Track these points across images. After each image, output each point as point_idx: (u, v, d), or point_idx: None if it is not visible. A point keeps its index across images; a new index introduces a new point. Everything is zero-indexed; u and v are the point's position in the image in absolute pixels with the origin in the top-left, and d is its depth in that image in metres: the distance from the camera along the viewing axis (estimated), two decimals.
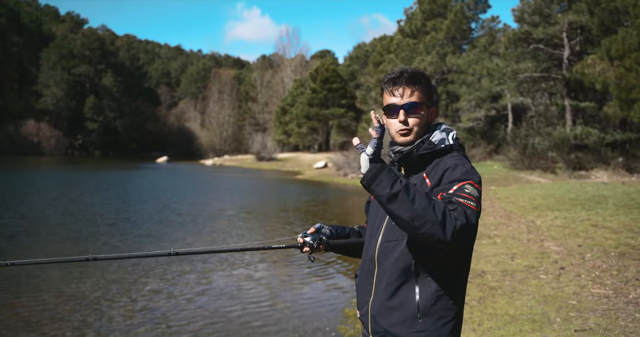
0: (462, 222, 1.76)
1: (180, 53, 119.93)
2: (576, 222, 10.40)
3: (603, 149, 25.98)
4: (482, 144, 38.20)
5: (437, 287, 1.96)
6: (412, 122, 2.07)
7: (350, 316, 6.43)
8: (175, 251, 2.23)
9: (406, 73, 2.08)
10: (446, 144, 2.07)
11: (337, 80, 59.98)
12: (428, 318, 1.96)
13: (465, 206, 1.81)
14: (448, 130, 2.12)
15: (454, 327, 1.99)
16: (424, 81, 2.10)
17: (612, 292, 5.85)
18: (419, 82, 2.09)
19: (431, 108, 2.13)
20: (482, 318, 5.33)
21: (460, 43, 44.76)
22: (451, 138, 2.10)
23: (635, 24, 20.88)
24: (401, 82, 2.07)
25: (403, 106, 2.06)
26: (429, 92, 2.12)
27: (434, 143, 2.06)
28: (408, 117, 2.07)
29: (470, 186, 1.88)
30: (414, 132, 2.07)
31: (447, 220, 1.75)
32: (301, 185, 29.69)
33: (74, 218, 14.34)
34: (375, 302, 2.07)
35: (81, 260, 2.17)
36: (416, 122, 2.07)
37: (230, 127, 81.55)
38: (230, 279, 8.37)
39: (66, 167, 43.72)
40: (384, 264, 2.05)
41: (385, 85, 2.12)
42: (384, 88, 2.12)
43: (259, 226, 14.48)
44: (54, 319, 6.21)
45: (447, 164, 1.99)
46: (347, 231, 2.44)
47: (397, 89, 2.07)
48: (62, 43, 78.51)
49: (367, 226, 2.31)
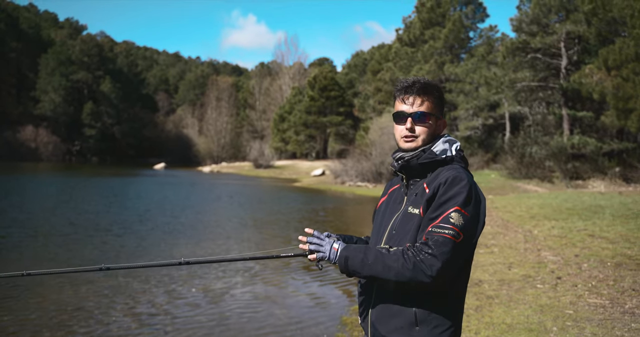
0: (434, 261, 1.89)
1: (179, 60, 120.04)
2: (573, 232, 10.42)
3: (600, 159, 26.07)
4: (480, 153, 38.28)
5: (435, 295, 1.99)
6: (418, 130, 2.11)
7: (347, 323, 6.43)
8: (186, 261, 2.26)
9: (419, 83, 2.13)
10: (447, 154, 2.10)
11: (335, 88, 60.08)
12: (425, 326, 1.98)
13: (442, 241, 1.91)
14: (452, 141, 2.16)
15: (451, 335, 2.01)
16: (435, 93, 2.14)
17: (609, 302, 5.86)
18: (430, 93, 2.12)
19: (440, 120, 2.16)
20: (479, 327, 5.34)
21: (459, 52, 44.95)
22: (454, 149, 2.13)
23: (632, 34, 21.02)
24: (412, 91, 2.12)
25: (411, 114, 2.10)
26: (439, 104, 2.15)
27: (435, 153, 2.09)
28: (415, 126, 2.11)
29: (455, 214, 1.94)
30: (419, 139, 2.12)
31: (421, 267, 1.90)
32: (299, 193, 29.68)
33: (76, 227, 14.33)
34: (375, 309, 2.09)
35: (94, 270, 2.19)
36: (423, 131, 2.11)
37: (228, 134, 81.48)
38: (228, 285, 8.36)
39: (64, 174, 43.66)
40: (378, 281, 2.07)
41: (397, 93, 2.17)
42: (396, 95, 2.18)
43: (260, 234, 14.46)
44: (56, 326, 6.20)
45: (444, 176, 2.02)
46: (354, 240, 2.46)
47: (408, 97, 2.12)
48: (60, 49, 78.54)
49: (371, 234, 2.35)
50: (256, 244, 12.41)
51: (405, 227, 2.06)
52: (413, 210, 2.06)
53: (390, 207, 2.23)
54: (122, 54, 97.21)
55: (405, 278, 1.91)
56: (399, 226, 2.09)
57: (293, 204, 22.64)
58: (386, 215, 2.22)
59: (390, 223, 2.15)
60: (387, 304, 2.04)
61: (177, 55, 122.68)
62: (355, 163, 34.38)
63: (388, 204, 2.27)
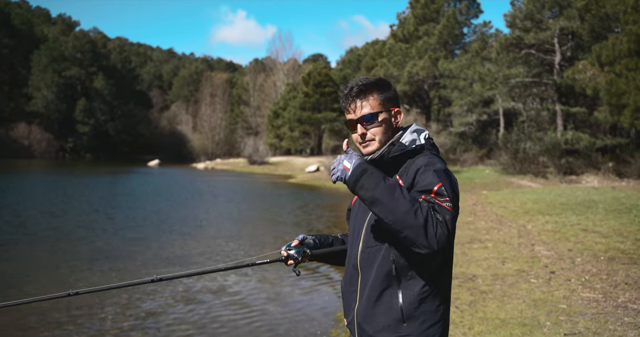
0: (442, 227, 1.80)
1: (173, 56, 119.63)
2: (566, 227, 10.45)
3: (593, 154, 26.17)
4: (474, 149, 38.34)
5: (420, 290, 1.95)
6: (372, 132, 2.07)
7: (341, 319, 6.42)
8: (159, 277, 2.20)
9: (356, 86, 2.08)
10: (417, 144, 2.06)
11: (330, 84, 59.99)
12: (413, 322, 1.94)
13: (445, 209, 1.84)
14: (420, 131, 2.11)
15: (439, 329, 1.98)
16: (375, 89, 2.09)
17: (602, 296, 5.88)
18: (369, 92, 2.08)
19: (392, 111, 2.10)
20: (472, 322, 5.34)
21: (453, 48, 45.00)
22: (422, 138, 2.09)
23: (625, 30, 21.07)
24: (351, 97, 2.09)
25: (358, 120, 2.07)
26: (387, 97, 2.10)
27: (405, 144, 2.05)
28: (367, 130, 2.07)
29: (442, 189, 1.88)
30: (376, 141, 2.07)
31: (428, 225, 1.78)
32: (293, 189, 29.66)
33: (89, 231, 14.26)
34: (360, 309, 2.05)
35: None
36: (376, 131, 2.07)
37: (222, 131, 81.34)
38: (220, 283, 8.34)
39: (57, 171, 43.42)
40: (366, 270, 2.03)
41: (341, 103, 2.15)
42: (342, 106, 2.14)
43: (255, 232, 14.45)
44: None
45: (418, 164, 1.98)
46: (330, 240, 2.43)
47: (350, 104, 2.09)
48: (53, 45, 78.10)
49: (348, 233, 2.30)
50: (249, 241, 12.38)
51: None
52: None
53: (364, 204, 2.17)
54: (115, 50, 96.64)
55: (402, 225, 1.78)
56: (376, 222, 2.02)
57: (288, 201, 22.61)
58: (360, 213, 2.16)
59: (366, 220, 2.09)
60: (372, 302, 1.99)
61: (171, 51, 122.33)
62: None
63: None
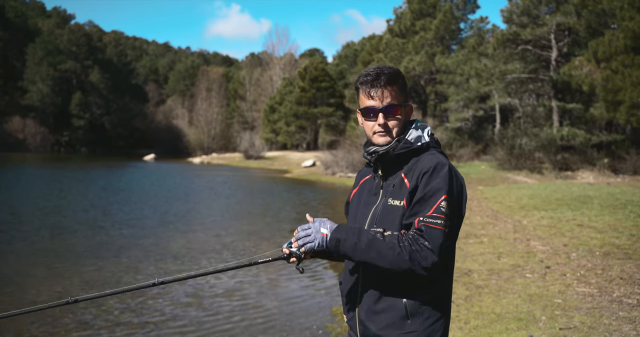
0: (431, 254, 1.85)
1: (169, 50, 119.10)
2: (562, 222, 10.49)
3: (589, 150, 26.27)
4: (470, 144, 38.38)
5: (423, 286, 1.95)
6: (391, 124, 2.05)
7: (337, 314, 6.43)
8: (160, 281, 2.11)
9: (383, 75, 2.03)
10: (422, 142, 2.06)
11: (326, 79, 59.88)
12: (417, 318, 1.95)
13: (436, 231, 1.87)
14: (423, 126, 2.11)
15: (442, 325, 1.99)
16: (400, 81, 2.07)
17: (597, 291, 5.91)
18: (395, 83, 2.05)
19: (407, 106, 2.11)
20: (468, 316, 5.36)
21: (449, 43, 44.94)
22: (426, 135, 2.08)
23: (621, 26, 21.10)
24: (379, 84, 2.02)
25: (382, 109, 2.03)
26: (404, 91, 2.09)
27: (410, 142, 2.05)
28: (388, 120, 2.04)
29: (444, 203, 1.90)
30: (393, 132, 2.06)
31: (414, 262, 1.85)
32: (290, 184, 29.65)
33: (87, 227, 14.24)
34: (362, 306, 2.05)
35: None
36: (395, 123, 2.05)
37: (218, 125, 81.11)
38: (218, 278, 8.34)
39: (53, 165, 43.27)
40: (367, 267, 2.02)
41: (362, 86, 2.07)
42: (360, 88, 2.07)
43: (254, 227, 14.45)
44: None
45: (424, 165, 1.98)
46: None
47: (376, 91, 2.03)
48: (48, 38, 77.57)
49: None
50: (248, 237, 12.39)
51: (388, 219, 2.00)
52: (394, 201, 2.00)
53: (365, 199, 2.16)
54: (111, 43, 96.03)
55: (399, 268, 1.87)
56: (380, 218, 2.02)
57: (284, 196, 22.61)
58: (361, 207, 2.15)
59: (369, 215, 2.08)
60: (375, 299, 2.00)
61: (167, 45, 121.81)
62: (346, 154, 34.32)
63: (361, 195, 2.20)
